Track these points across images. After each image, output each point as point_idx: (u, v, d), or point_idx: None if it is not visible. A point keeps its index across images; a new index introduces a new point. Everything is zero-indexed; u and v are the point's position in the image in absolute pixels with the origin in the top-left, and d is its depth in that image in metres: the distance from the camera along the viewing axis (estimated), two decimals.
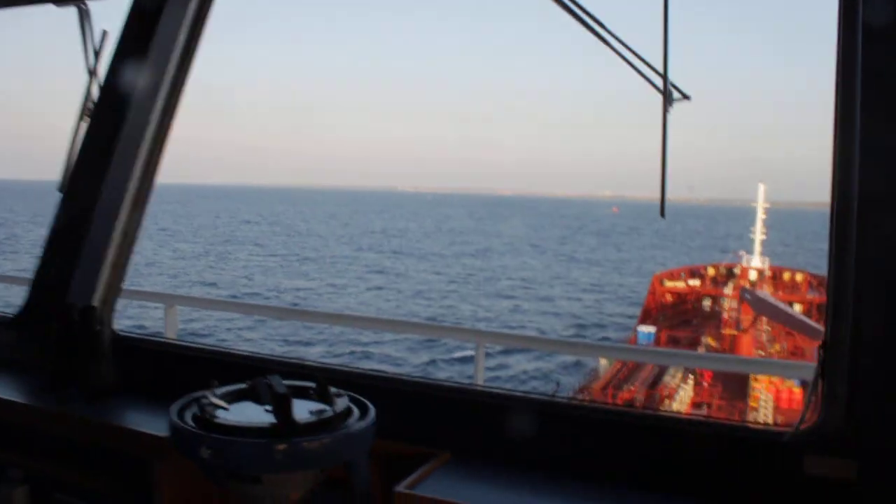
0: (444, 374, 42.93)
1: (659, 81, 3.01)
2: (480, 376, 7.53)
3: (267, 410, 2.94)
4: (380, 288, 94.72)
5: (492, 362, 54.17)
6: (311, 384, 3.16)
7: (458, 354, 44.79)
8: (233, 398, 3.09)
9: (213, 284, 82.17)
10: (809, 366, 3.08)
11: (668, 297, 64.02)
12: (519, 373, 53.19)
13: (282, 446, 2.73)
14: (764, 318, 42.98)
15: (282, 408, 2.81)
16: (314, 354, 43.80)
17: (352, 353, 46.90)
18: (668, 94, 3.00)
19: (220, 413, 2.91)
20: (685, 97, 3.06)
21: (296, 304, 69.67)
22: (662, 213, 3.26)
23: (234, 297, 68.26)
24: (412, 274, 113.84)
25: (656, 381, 39.18)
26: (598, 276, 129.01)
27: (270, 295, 77.55)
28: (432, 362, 46.82)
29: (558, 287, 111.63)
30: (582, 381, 42.32)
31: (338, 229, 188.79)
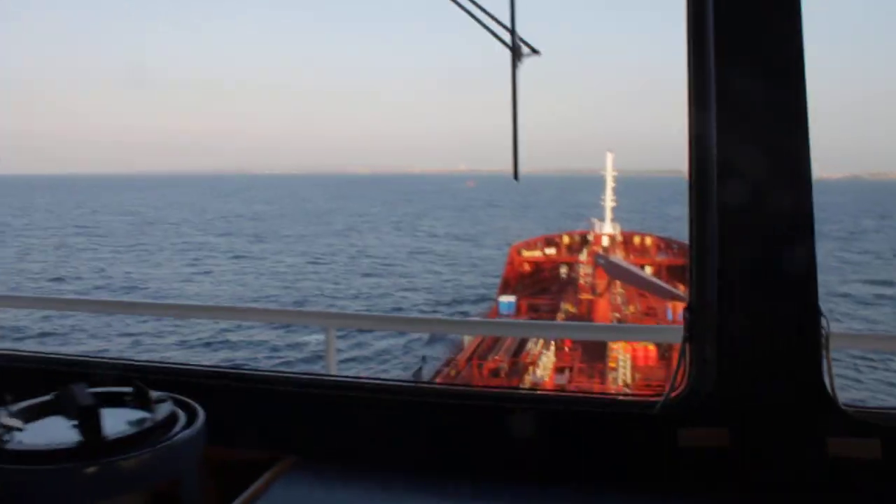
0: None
1: (507, 36, 2.85)
2: (332, 365, 6.49)
3: (73, 426, 2.39)
4: (239, 273, 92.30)
5: (345, 343, 53.85)
6: (128, 389, 2.61)
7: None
8: (34, 414, 2.51)
9: (59, 280, 77.63)
10: (678, 329, 2.96)
11: (527, 267, 65.33)
12: (379, 352, 53.21)
13: (90, 469, 2.23)
14: (618, 282, 44.47)
15: (88, 422, 2.31)
16: (143, 351, 41.93)
17: (185, 344, 45.25)
18: (517, 49, 2.84)
19: (13, 436, 2.34)
20: (534, 52, 2.88)
21: (150, 298, 66.87)
22: (516, 176, 3.10)
23: (82, 293, 64.81)
24: (271, 257, 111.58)
25: (519, 348, 39.82)
26: (457, 249, 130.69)
27: (120, 287, 73.98)
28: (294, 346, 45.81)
29: (418, 263, 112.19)
30: (447, 353, 42.52)
31: (194, 216, 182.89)
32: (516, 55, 2.85)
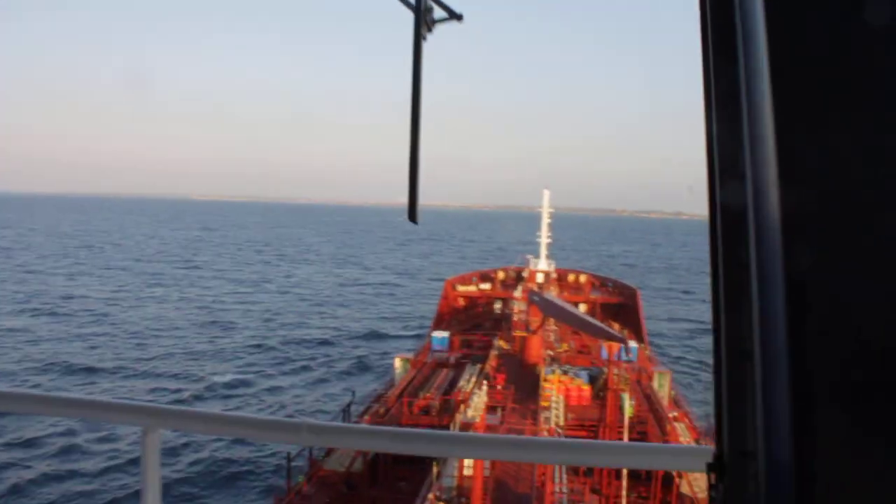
0: None
1: None
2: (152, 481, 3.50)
3: None
4: (161, 300, 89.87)
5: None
6: None
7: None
8: None
9: None
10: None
11: (461, 301, 64.89)
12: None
13: None
14: (552, 319, 44.17)
15: None
16: None
17: None
18: (424, 9, 2.04)
19: None
20: (454, 17, 2.11)
21: None
22: (413, 217, 2.33)
23: None
24: (198, 283, 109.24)
25: (451, 386, 39.07)
26: (393, 282, 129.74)
27: None
28: None
29: (352, 295, 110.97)
30: (378, 389, 41.53)
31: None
32: (423, 19, 2.07)
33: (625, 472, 26.73)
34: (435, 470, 26.26)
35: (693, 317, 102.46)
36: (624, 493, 26.45)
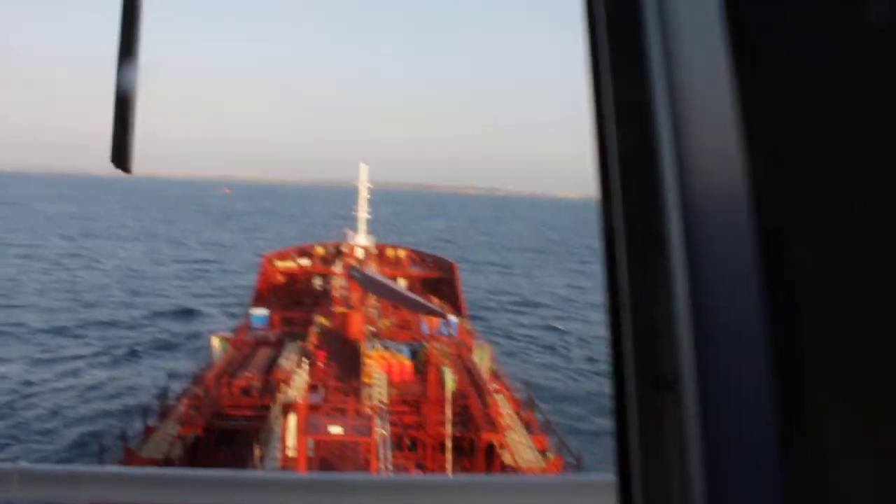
0: None
1: None
2: None
3: None
4: None
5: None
6: None
7: None
8: None
9: None
10: None
11: (280, 278, 63.63)
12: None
13: None
14: (372, 295, 44.19)
15: None
16: None
17: None
18: None
19: None
20: None
21: None
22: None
23: None
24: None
25: (271, 365, 38.25)
26: (213, 256, 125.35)
27: None
28: None
29: (166, 275, 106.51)
30: (196, 371, 39.94)
31: None
32: None
33: (448, 444, 27.25)
34: (257, 452, 25.64)
35: (512, 290, 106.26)
36: (449, 466, 26.96)
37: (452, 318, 42.97)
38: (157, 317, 71.28)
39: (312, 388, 31.03)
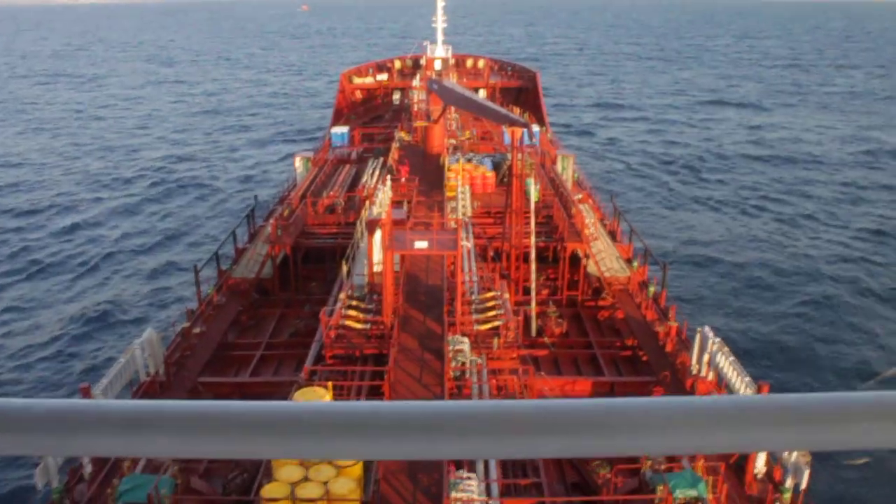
0: None
1: None
2: None
3: None
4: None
5: None
6: None
7: None
8: None
9: None
10: None
11: (358, 94, 62.88)
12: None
13: None
14: (452, 107, 43.19)
15: None
16: None
17: None
18: None
19: None
20: None
21: None
22: None
23: None
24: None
25: (355, 182, 38.35)
26: (292, 80, 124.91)
27: None
28: None
29: (256, 97, 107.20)
30: (280, 192, 40.49)
31: None
32: None
33: (533, 255, 27.14)
34: (345, 268, 26.07)
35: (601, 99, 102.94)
36: (533, 276, 26.97)
37: (535, 127, 41.78)
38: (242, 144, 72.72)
39: (396, 203, 31.02)
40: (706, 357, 21.40)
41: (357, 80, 62.95)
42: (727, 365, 20.23)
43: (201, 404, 1.21)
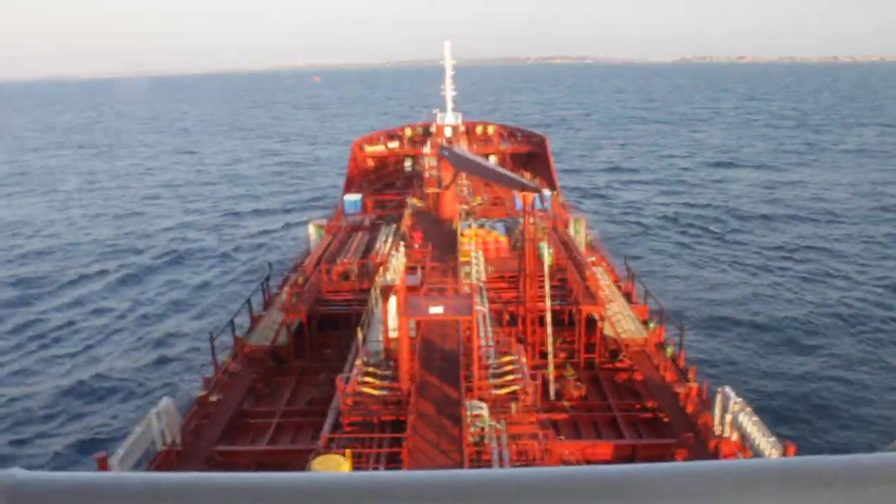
0: None
1: None
2: None
3: None
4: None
5: None
6: None
7: None
8: None
9: None
10: None
11: (370, 162, 63.67)
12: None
13: None
14: (463, 173, 43.66)
15: None
16: None
17: None
18: None
19: None
20: None
21: None
22: None
23: None
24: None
25: (368, 248, 38.61)
26: (305, 150, 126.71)
27: None
28: None
29: (262, 168, 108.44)
30: (294, 260, 40.75)
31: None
32: None
33: (548, 318, 27.07)
34: (360, 335, 26.04)
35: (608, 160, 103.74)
36: (550, 339, 26.86)
37: (546, 191, 42.14)
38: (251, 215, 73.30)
39: (410, 269, 31.12)
40: (728, 418, 21.13)
41: (368, 149, 63.82)
42: (751, 425, 19.96)
43: (222, 477, 1.22)
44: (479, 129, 68.15)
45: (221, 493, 1.18)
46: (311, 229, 42.78)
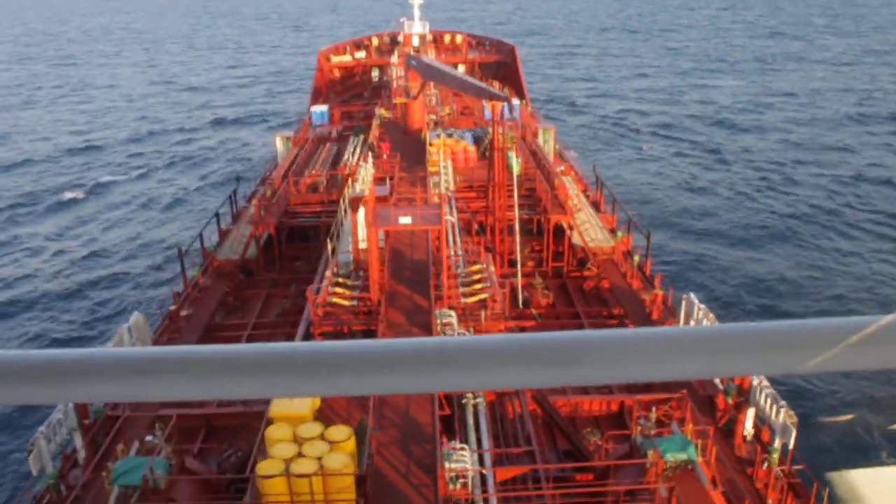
0: None
1: None
2: None
3: None
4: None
5: None
6: None
7: None
8: None
9: None
10: None
11: (337, 73, 62.46)
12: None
13: None
14: (431, 83, 43.02)
15: None
16: None
17: None
18: None
19: None
20: None
21: None
22: None
23: None
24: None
25: (337, 160, 38.27)
26: (265, 59, 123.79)
27: None
28: None
29: (229, 80, 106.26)
30: (262, 173, 40.35)
31: None
32: None
33: (517, 227, 27.23)
34: (330, 246, 26.05)
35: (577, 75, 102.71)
36: (518, 248, 27.07)
37: (515, 101, 41.75)
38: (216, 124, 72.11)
39: (379, 180, 30.96)
40: (692, 323, 21.64)
41: (335, 59, 62.51)
42: None
43: (204, 349, 1.23)
44: (447, 39, 66.86)
45: (205, 363, 1.20)
46: (279, 141, 42.21)
